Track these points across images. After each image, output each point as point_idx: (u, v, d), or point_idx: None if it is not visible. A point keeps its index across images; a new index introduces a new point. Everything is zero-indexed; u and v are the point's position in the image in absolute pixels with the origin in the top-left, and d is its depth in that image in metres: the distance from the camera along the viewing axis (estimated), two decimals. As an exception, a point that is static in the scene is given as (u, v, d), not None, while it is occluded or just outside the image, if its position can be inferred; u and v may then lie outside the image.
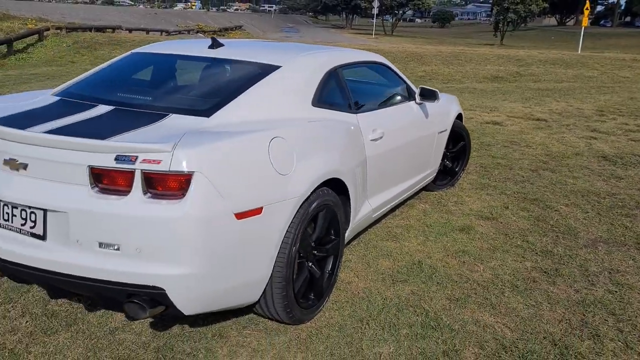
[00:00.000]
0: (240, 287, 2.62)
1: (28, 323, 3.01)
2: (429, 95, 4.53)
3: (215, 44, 3.56)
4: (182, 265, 2.37)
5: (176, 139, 2.39)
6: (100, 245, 2.38)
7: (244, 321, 3.09)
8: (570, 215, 5.03)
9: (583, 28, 26.47)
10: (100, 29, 21.69)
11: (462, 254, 4.09)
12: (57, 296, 3.24)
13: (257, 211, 2.54)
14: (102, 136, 2.44)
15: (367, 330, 3.05)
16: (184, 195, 2.33)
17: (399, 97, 4.42)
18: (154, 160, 2.30)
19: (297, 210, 2.79)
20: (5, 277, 3.40)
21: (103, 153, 2.34)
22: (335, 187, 3.19)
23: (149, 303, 2.42)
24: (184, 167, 2.31)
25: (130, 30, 24.12)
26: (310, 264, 3.08)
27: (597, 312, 3.34)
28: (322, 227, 3.10)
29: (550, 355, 2.89)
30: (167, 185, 2.33)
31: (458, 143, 5.67)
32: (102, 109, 2.87)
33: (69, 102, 3.06)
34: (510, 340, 3.01)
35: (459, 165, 5.79)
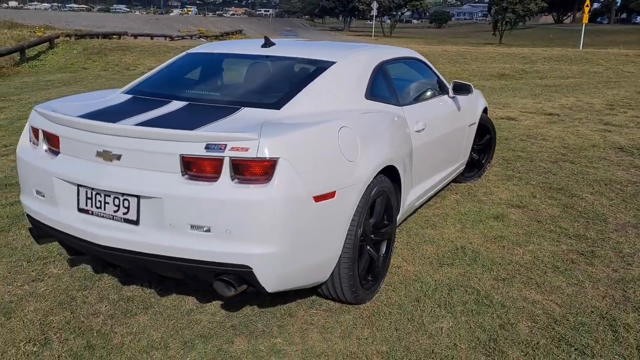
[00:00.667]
0: (315, 266, 2.82)
1: (107, 307, 3.20)
2: (462, 88, 4.73)
3: (268, 43, 3.76)
4: (268, 245, 2.57)
5: (258, 128, 2.59)
6: (192, 227, 2.58)
7: (308, 302, 3.29)
8: (596, 203, 5.23)
9: (584, 25, 26.71)
10: (106, 36, 21.95)
11: (500, 239, 4.29)
12: (129, 282, 3.44)
13: (331, 195, 2.74)
14: (189, 128, 2.64)
15: (424, 308, 3.24)
16: (269, 179, 2.53)
17: (434, 91, 4.63)
18: (241, 148, 2.50)
19: (362, 195, 2.99)
20: (76, 267, 3.60)
21: (194, 142, 2.54)
22: (389, 174, 3.39)
23: (236, 281, 2.62)
24: (270, 154, 2.51)
25: (135, 37, 24.38)
26: (368, 247, 3.28)
27: (637, 289, 3.53)
28: (379, 212, 3.30)
29: (600, 326, 3.09)
30: (253, 170, 2.53)
31: (484, 136, 5.87)
32: (176, 104, 3.07)
33: (142, 99, 3.26)
34: (560, 314, 3.21)
35: (485, 158, 6.00)
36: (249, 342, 2.90)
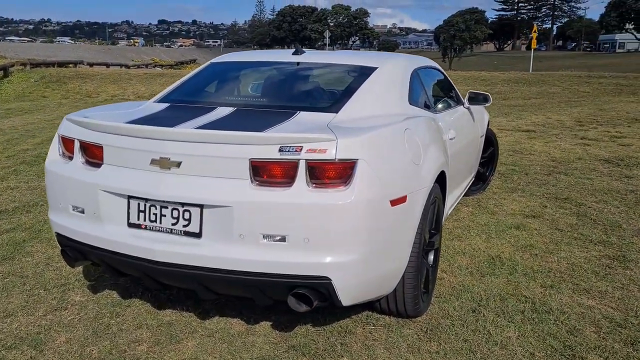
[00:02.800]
0: (387, 276, 2.65)
1: (148, 334, 2.92)
2: (478, 99, 4.70)
3: (298, 51, 3.62)
4: (348, 253, 2.39)
5: (332, 129, 2.43)
6: (265, 237, 2.37)
7: (362, 318, 3.10)
8: (605, 210, 5.26)
9: (532, 50, 27.79)
10: (62, 64, 21.27)
11: (530, 248, 4.23)
12: (164, 307, 3.17)
13: (404, 199, 2.59)
14: (256, 130, 2.45)
15: (485, 318, 3.11)
16: (347, 182, 2.36)
17: (454, 101, 4.58)
18: (319, 150, 2.33)
19: (426, 201, 2.86)
20: (100, 293, 3.30)
21: (266, 145, 2.35)
22: (438, 181, 3.28)
23: (312, 294, 2.42)
24: (349, 155, 2.35)
25: (91, 65, 23.74)
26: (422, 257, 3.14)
27: (682, 289, 3.50)
28: (431, 220, 3.17)
29: (665, 327, 3.02)
30: (332, 173, 2.36)
31: (488, 148, 5.87)
32: (223, 110, 2.88)
33: (183, 107, 3.05)
34: (620, 318, 3.13)
35: (488, 170, 5.99)
36: (316, 362, 2.68)
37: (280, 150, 2.34)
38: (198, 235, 2.47)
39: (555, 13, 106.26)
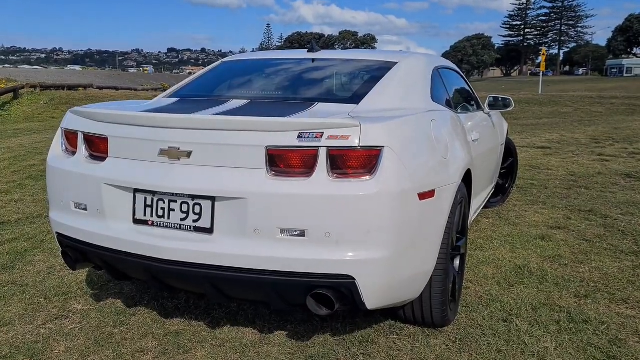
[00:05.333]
0: (415, 278, 2.43)
1: (154, 343, 2.70)
2: (499, 104, 4.52)
3: (314, 49, 3.46)
4: (374, 250, 2.18)
5: (351, 116, 2.25)
6: (283, 232, 2.17)
7: (385, 327, 2.87)
8: (633, 222, 5.01)
9: (542, 72, 27.72)
10: (72, 87, 21.32)
11: (558, 258, 3.98)
12: (171, 316, 2.96)
13: (432, 193, 2.39)
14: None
15: (518, 328, 2.86)
16: (372, 172, 2.16)
17: (474, 105, 4.39)
18: (341, 136, 2.14)
19: (454, 198, 2.65)
20: (103, 302, 3.10)
21: (283, 131, 2.16)
22: (465, 181, 3.07)
23: (335, 295, 2.20)
24: (374, 142, 2.15)
25: (101, 89, 23.82)
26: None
27: None
28: (458, 222, 2.95)
29: None
30: (355, 162, 2.16)
31: (507, 159, 5.65)
32: (237, 102, 2.71)
33: (194, 100, 2.88)
34: (665, 327, 2.88)
35: (508, 182, 5.77)
36: (337, 373, 2.45)
37: (299, 137, 2.15)
38: (209, 230, 2.27)
39: (562, 38, 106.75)
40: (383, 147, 2.16)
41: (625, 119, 15.16)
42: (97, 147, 2.52)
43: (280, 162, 2.19)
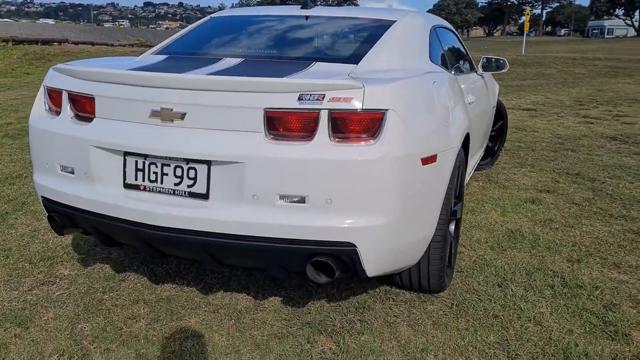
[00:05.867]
0: (415, 245, 2.38)
1: (146, 309, 2.64)
2: (493, 65, 4.42)
3: (307, 5, 3.31)
4: (376, 216, 2.11)
5: (357, 77, 2.15)
6: (282, 198, 2.09)
7: (380, 293, 2.84)
8: (620, 185, 5.03)
9: (525, 32, 27.53)
10: (46, 42, 20.62)
11: (549, 222, 3.98)
12: (161, 281, 2.89)
13: (434, 158, 2.32)
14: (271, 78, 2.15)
15: (513, 293, 2.86)
16: (375, 136, 2.08)
17: (468, 66, 4.30)
18: (344, 98, 2.04)
19: (454, 163, 2.58)
20: (91, 267, 3.01)
21: (283, 93, 2.06)
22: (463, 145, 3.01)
23: (335, 263, 2.14)
24: (378, 104, 2.06)
25: (76, 44, 23.08)
26: (445, 227, 2.87)
27: None
28: (455, 186, 2.90)
29: None
30: (357, 125, 2.07)
31: (497, 122, 5.60)
32: (231, 60, 2.57)
33: (185, 58, 2.74)
34: (658, 292, 2.90)
35: (497, 145, 5.73)
36: (334, 340, 2.42)
37: (300, 98, 2.05)
38: (205, 196, 2.17)
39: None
40: (387, 110, 2.07)
41: (608, 81, 15.20)
42: (83, 107, 2.39)
43: (280, 125, 2.09)
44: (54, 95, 2.51)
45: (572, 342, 2.41)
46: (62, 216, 2.48)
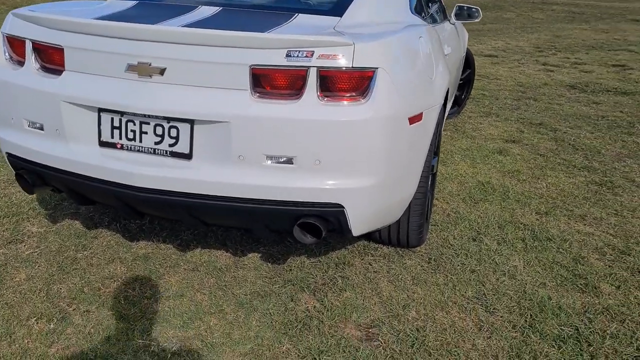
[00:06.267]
0: (399, 203, 2.38)
1: (123, 269, 2.58)
2: (465, 14, 4.37)
3: None
4: (365, 177, 2.09)
5: (344, 33, 2.07)
6: (269, 158, 2.03)
7: (359, 249, 2.86)
8: (582, 136, 5.16)
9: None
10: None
11: (517, 174, 4.06)
12: (135, 238, 2.82)
13: (419, 117, 2.29)
14: (255, 32, 2.05)
15: (487, 247, 2.92)
16: (365, 95, 2.02)
17: (441, 14, 4.22)
18: (333, 55, 1.96)
19: (437, 119, 2.56)
20: (59, 223, 2.90)
21: (270, 49, 1.96)
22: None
23: (323, 223, 2.12)
24: (368, 63, 2.00)
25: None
26: (423, 182, 2.88)
27: (675, 215, 3.43)
28: (434, 143, 2.89)
29: (668, 254, 2.93)
30: (347, 84, 2.01)
31: (465, 70, 5.59)
32: (207, 9, 2.43)
33: (157, 5, 2.57)
34: (622, 245, 3.02)
35: (464, 94, 5.75)
36: (317, 297, 2.43)
37: (288, 55, 1.96)
38: (188, 156, 2.09)
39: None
40: (377, 68, 2.01)
41: (566, 27, 15.34)
42: (50, 58, 2.23)
43: (266, 82, 2.01)
44: (15, 44, 2.33)
45: (545, 295, 2.50)
46: (32, 174, 2.36)
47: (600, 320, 2.33)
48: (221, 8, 2.45)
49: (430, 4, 3.88)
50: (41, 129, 2.26)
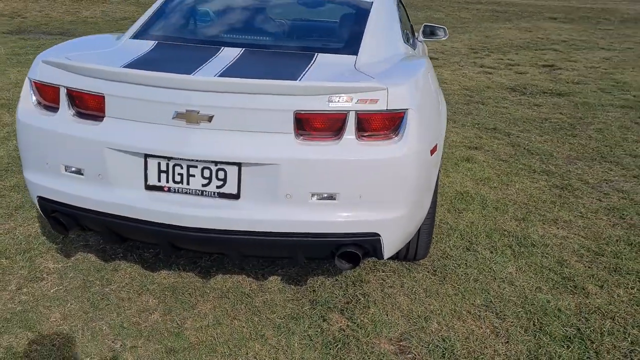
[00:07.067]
0: (418, 223, 2.60)
1: (154, 301, 2.68)
2: (434, 33, 4.66)
3: None
4: (398, 207, 2.30)
5: (376, 76, 2.27)
6: (314, 195, 2.20)
7: (370, 265, 3.07)
8: (532, 139, 5.61)
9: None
10: None
11: (487, 181, 4.40)
12: (152, 268, 2.91)
13: (436, 147, 2.53)
14: (289, 77, 2.21)
15: (482, 256, 3.21)
16: (397, 134, 2.24)
17: (412, 35, 4.49)
18: (370, 100, 2.16)
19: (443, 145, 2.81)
20: (74, 257, 2.94)
21: (314, 96, 2.13)
22: None
23: (360, 251, 2.32)
24: (401, 104, 2.21)
25: None
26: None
27: (632, 215, 3.86)
28: (431, 163, 3.14)
29: (633, 252, 3.33)
30: (381, 124, 2.21)
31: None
32: (231, 51, 2.55)
33: (176, 46, 2.66)
34: (595, 246, 3.39)
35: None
36: (346, 316, 2.63)
37: (329, 101, 2.14)
38: (235, 196, 2.23)
39: None
40: (407, 109, 2.23)
41: (492, 26, 16.17)
42: (88, 105, 2.29)
43: (309, 126, 2.18)
44: (47, 90, 2.37)
45: (544, 299, 2.82)
46: (68, 217, 2.41)
47: (595, 319, 2.67)
48: (243, 50, 2.58)
49: (407, 27, 4.14)
50: (80, 173, 2.32)
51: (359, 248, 2.31)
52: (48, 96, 2.37)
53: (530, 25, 16.60)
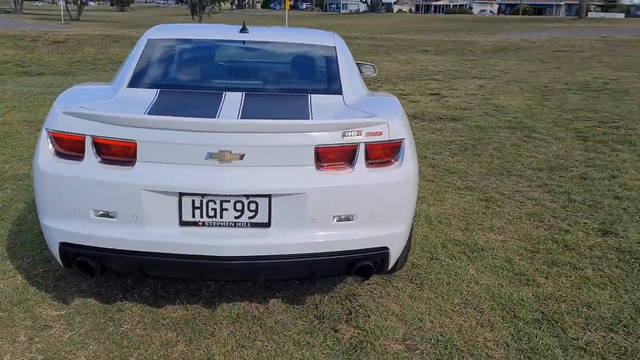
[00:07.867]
0: (409, 237, 2.99)
1: (172, 333, 2.80)
2: (365, 70, 5.17)
3: (245, 29, 3.57)
4: (402, 223, 2.68)
5: (375, 112, 2.65)
6: (335, 218, 2.51)
7: (352, 281, 3.39)
8: (446, 160, 6.29)
9: (287, 10, 29.23)
10: None
11: (424, 199, 4.93)
12: (160, 300, 3.03)
13: (417, 166, 2.94)
14: (300, 116, 2.55)
15: (447, 263, 3.67)
16: (397, 160, 2.63)
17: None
18: (376, 132, 2.54)
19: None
20: (73, 302, 2.98)
21: (331, 132, 2.46)
22: None
23: (375, 264, 2.66)
24: (398, 135, 2.61)
25: None
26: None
27: (549, 218, 4.55)
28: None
29: (560, 247, 3.97)
30: (385, 153, 2.60)
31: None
32: (234, 95, 2.81)
33: (180, 92, 2.85)
34: (530, 246, 3.99)
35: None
36: (353, 325, 2.93)
37: (344, 135, 2.48)
38: (267, 225, 2.48)
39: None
40: (404, 138, 2.63)
41: (374, 59, 17.35)
42: (117, 152, 2.43)
43: (326, 158, 2.50)
44: (69, 141, 2.47)
45: (507, 292, 3.31)
46: (97, 260, 2.50)
47: (552, 304, 3.20)
48: (243, 93, 2.85)
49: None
50: (112, 216, 2.44)
51: (371, 262, 2.65)
52: (71, 145, 2.47)
53: (408, 58, 18.03)
